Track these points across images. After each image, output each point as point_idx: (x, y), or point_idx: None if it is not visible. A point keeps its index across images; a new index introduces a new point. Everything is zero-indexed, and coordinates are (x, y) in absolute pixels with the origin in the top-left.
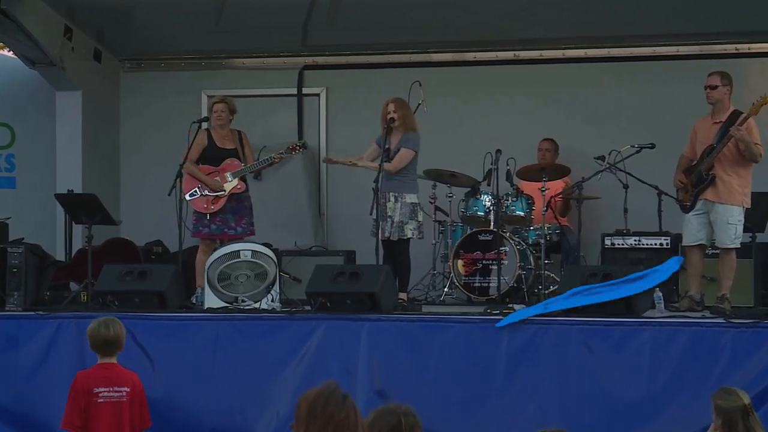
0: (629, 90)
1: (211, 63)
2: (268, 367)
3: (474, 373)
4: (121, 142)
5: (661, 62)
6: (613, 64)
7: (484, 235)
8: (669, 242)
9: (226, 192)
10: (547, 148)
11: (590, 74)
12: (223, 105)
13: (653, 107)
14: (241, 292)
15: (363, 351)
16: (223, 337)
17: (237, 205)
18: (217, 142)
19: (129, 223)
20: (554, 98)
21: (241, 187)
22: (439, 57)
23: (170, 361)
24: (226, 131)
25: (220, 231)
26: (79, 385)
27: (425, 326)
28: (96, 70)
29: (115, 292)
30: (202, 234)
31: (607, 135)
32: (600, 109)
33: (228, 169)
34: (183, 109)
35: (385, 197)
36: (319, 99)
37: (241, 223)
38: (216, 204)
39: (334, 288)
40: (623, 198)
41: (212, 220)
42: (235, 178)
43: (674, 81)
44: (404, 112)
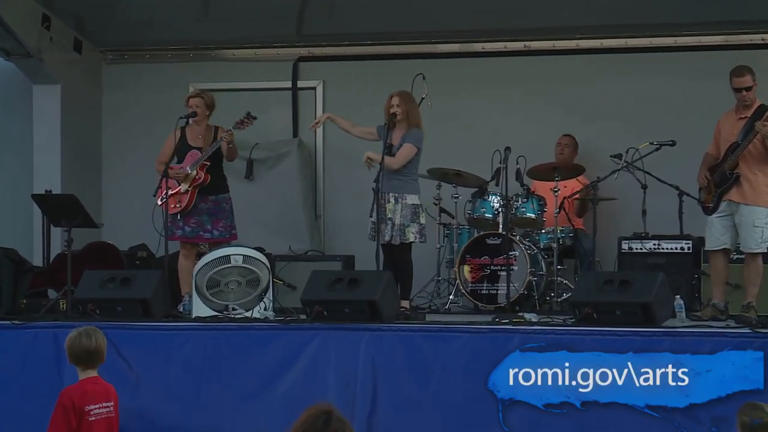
0: (648, 83)
1: (200, 54)
2: (261, 381)
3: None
4: (102, 138)
5: (682, 53)
6: (630, 56)
7: (492, 239)
8: (691, 246)
9: (186, 189)
10: (567, 143)
11: (606, 66)
12: (198, 99)
13: (674, 101)
14: (232, 300)
15: (362, 363)
16: (213, 348)
17: (214, 207)
18: (190, 140)
19: (111, 226)
20: (567, 92)
21: (199, 177)
22: (444, 48)
23: (155, 375)
24: (202, 128)
25: (195, 234)
26: (68, 403)
27: (429, 337)
28: (76, 62)
29: (96, 299)
30: (176, 236)
31: (624, 131)
32: (616, 103)
33: (188, 162)
34: (169, 104)
35: (385, 198)
36: (315, 93)
37: (218, 226)
38: (182, 202)
39: (332, 295)
40: (641, 199)
41: (186, 221)
42: (193, 169)
43: (696, 73)
44: (409, 106)
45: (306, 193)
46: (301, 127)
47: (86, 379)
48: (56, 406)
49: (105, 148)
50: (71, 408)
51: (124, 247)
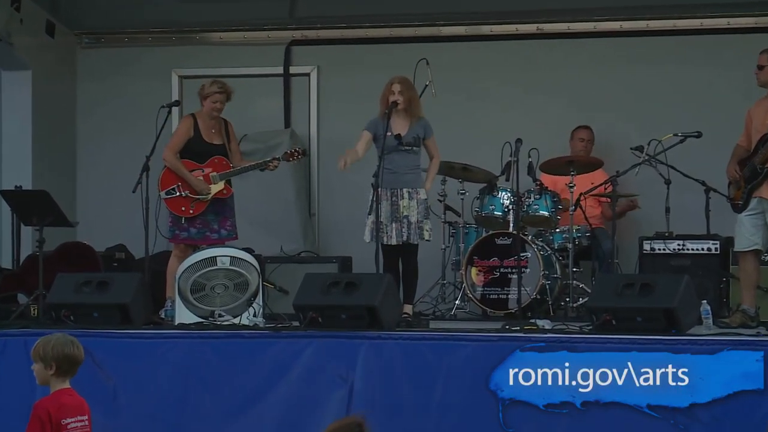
0: (672, 69)
1: (184, 38)
2: (249, 393)
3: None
4: (77, 129)
5: (709, 36)
6: (652, 39)
7: (502, 239)
8: (718, 247)
9: (210, 196)
10: (583, 136)
11: (626, 51)
12: (224, 95)
13: (700, 89)
14: (218, 306)
15: (360, 374)
16: (197, 358)
17: (220, 205)
18: (204, 135)
19: (87, 225)
20: (584, 79)
21: (227, 192)
22: (449, 30)
23: (135, 387)
24: (215, 122)
25: (201, 235)
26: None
27: (433, 345)
28: (49, 47)
29: (70, 305)
30: (180, 239)
31: (645, 121)
32: (637, 91)
33: (215, 168)
34: (150, 92)
35: (396, 194)
36: (308, 80)
37: (225, 225)
38: (196, 208)
39: (327, 300)
40: (665, 195)
41: (191, 223)
42: (222, 180)
43: (725, 58)
44: (411, 94)
45: (299, 189)
46: (293, 116)
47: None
48: (31, 419)
49: (80, 139)
50: (48, 421)
51: (101, 247)
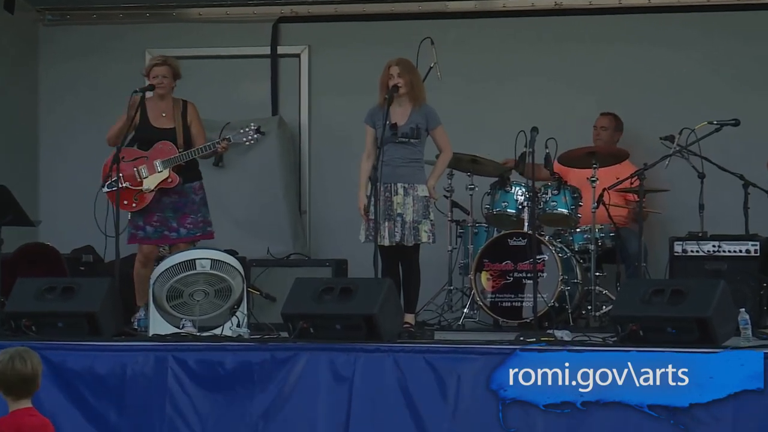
0: (707, 48)
1: (158, 14)
2: (232, 411)
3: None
4: (39, 118)
5: (750, 13)
6: (685, 15)
7: (515, 240)
8: (758, 248)
9: (149, 188)
10: (603, 125)
11: (655, 28)
12: (166, 68)
13: (738, 71)
14: (198, 314)
15: (357, 391)
16: (174, 372)
17: (179, 200)
18: (152, 119)
19: (50, 225)
20: (607, 60)
21: (173, 180)
22: (456, 6)
23: (105, 405)
24: (166, 104)
25: (159, 234)
26: None
27: (439, 359)
28: (7, 24)
29: (32, 313)
30: (137, 239)
31: (677, 108)
32: (668, 74)
33: (158, 156)
34: (121, 74)
35: (391, 190)
36: (299, 61)
37: (185, 223)
38: (141, 202)
39: (320, 309)
40: (698, 191)
41: (147, 220)
42: (165, 168)
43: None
44: (412, 77)
45: (288, 184)
46: (282, 102)
47: (20, 411)
48: None
49: (43, 129)
50: None
51: (66, 249)
